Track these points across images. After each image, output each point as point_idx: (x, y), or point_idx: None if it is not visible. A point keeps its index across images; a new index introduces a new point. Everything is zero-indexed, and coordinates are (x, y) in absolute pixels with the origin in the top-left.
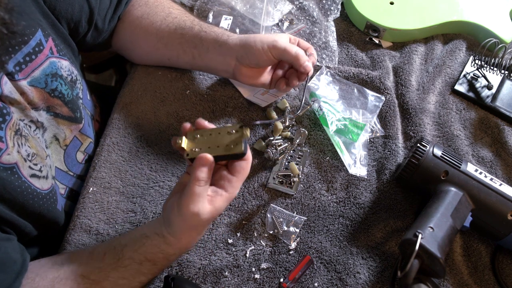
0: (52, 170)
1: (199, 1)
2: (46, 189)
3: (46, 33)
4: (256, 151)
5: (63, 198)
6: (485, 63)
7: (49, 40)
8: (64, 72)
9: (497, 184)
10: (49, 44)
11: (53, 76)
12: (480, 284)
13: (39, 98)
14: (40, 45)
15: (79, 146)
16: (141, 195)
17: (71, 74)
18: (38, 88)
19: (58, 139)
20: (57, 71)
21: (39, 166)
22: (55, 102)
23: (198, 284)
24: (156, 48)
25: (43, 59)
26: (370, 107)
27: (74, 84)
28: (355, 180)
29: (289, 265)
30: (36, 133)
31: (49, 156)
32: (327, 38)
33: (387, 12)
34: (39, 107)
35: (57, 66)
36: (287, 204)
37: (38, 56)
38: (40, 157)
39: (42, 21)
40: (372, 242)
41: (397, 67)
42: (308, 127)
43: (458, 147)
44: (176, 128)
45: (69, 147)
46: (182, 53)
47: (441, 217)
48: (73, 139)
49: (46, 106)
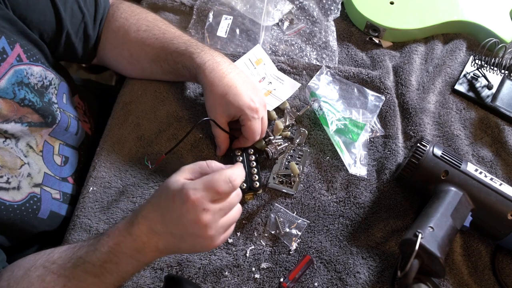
0: (34, 179)
1: (199, 1)
2: (19, 200)
3: (12, 40)
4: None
5: (59, 202)
6: (485, 63)
7: (15, 47)
8: (33, 79)
9: (497, 184)
10: (16, 51)
11: (19, 84)
12: (480, 284)
13: (8, 109)
14: (3, 53)
15: (52, 149)
16: (141, 195)
17: (43, 80)
18: (7, 99)
19: (32, 147)
20: (23, 79)
21: (5, 178)
22: (26, 111)
23: (198, 284)
24: (130, 63)
25: (7, 68)
26: (370, 106)
27: (46, 90)
28: (355, 180)
29: (289, 265)
30: (8, 144)
31: (29, 164)
32: (327, 38)
33: (387, 12)
34: (9, 119)
35: (23, 74)
36: (287, 204)
37: (1, 65)
38: (8, 168)
39: (7, 27)
40: (372, 242)
41: (397, 67)
42: (308, 127)
43: (458, 147)
44: (176, 128)
45: (44, 152)
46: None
47: (441, 217)
48: (44, 144)
49: (18, 117)
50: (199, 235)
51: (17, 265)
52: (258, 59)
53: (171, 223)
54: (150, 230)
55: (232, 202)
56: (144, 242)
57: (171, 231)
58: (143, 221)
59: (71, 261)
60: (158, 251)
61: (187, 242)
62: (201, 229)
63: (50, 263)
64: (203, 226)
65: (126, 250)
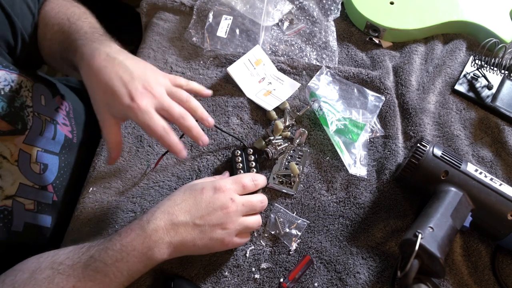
0: (6, 191)
1: (199, 1)
2: None
3: None
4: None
5: (32, 213)
6: (485, 63)
7: None
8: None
9: (497, 184)
10: None
11: None
12: (480, 284)
13: None
14: None
15: (28, 158)
16: (141, 195)
17: (10, 83)
18: None
19: (5, 157)
20: None
21: None
22: None
23: (198, 284)
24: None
25: None
26: (370, 107)
27: (18, 94)
28: (355, 180)
29: (289, 265)
30: None
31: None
32: (327, 38)
33: (387, 12)
34: None
35: None
36: (287, 204)
37: None
38: None
39: None
40: (372, 242)
41: (397, 67)
42: (308, 127)
43: (458, 147)
44: (176, 128)
45: (20, 161)
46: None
47: (441, 217)
48: (19, 153)
49: None
50: (221, 224)
51: (19, 268)
52: (257, 59)
53: (196, 213)
54: (169, 224)
55: (255, 204)
56: (158, 238)
57: (195, 222)
58: (162, 215)
59: (81, 261)
60: (171, 248)
61: (206, 234)
62: (224, 216)
63: (57, 264)
64: (227, 213)
65: (138, 247)
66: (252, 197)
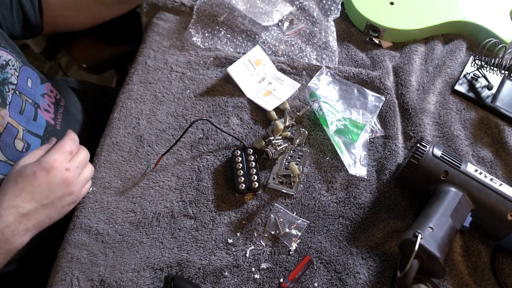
0: None
1: (199, 1)
2: None
3: None
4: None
5: None
6: (485, 63)
7: None
8: None
9: (497, 184)
10: None
11: None
12: (480, 284)
13: None
14: None
15: (15, 133)
16: (141, 195)
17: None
18: None
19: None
20: None
21: None
22: None
23: (198, 284)
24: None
25: None
26: (370, 107)
27: (3, 69)
28: (355, 180)
29: (289, 265)
30: None
31: None
32: (327, 38)
33: (387, 12)
34: None
35: None
36: (287, 204)
37: None
38: None
39: None
40: (372, 242)
41: (397, 67)
42: (308, 127)
43: (458, 147)
44: (176, 128)
45: (4, 134)
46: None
47: (441, 217)
48: (7, 126)
49: None
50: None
51: None
52: (257, 59)
53: (40, 196)
54: (18, 216)
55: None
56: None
57: (42, 203)
58: (7, 212)
59: None
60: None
61: (57, 206)
62: (68, 186)
63: None
64: (69, 183)
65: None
66: (79, 155)
